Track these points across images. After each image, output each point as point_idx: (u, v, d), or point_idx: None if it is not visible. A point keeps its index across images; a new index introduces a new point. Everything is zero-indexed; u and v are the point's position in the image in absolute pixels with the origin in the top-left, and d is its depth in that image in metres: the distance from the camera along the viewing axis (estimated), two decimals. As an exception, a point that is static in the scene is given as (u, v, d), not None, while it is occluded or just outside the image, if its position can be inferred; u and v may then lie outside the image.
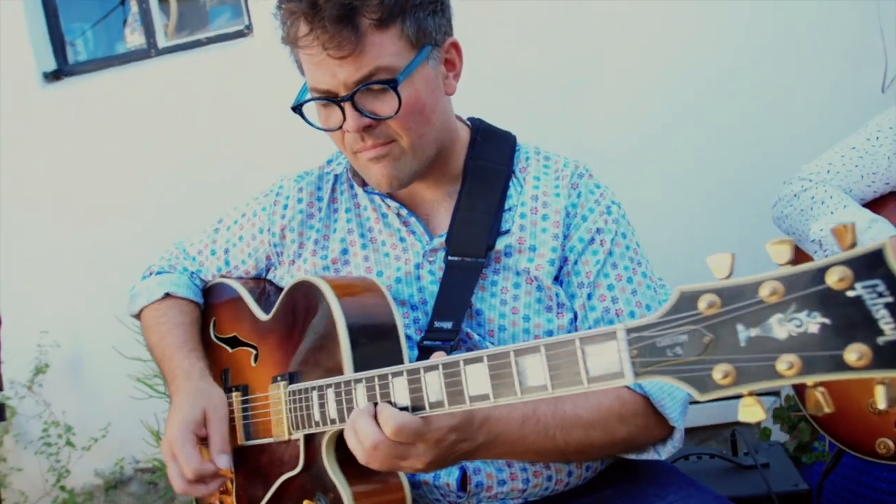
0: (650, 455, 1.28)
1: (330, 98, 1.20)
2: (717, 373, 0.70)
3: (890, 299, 0.62)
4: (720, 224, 2.71)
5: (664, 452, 1.27)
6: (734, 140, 2.71)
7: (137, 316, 1.59)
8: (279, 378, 1.30)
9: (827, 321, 0.65)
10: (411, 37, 1.19)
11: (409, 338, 1.30)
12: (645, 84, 2.74)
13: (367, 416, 1.02)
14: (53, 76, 3.20)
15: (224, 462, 1.28)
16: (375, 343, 1.22)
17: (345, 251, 1.40)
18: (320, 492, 1.22)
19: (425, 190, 1.38)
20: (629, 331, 0.76)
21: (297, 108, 1.27)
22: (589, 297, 1.30)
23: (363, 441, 1.02)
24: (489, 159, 1.38)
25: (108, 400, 3.13)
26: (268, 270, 1.52)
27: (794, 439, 2.51)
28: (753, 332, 0.68)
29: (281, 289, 1.45)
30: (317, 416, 1.18)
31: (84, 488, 3.24)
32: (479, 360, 0.92)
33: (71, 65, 3.26)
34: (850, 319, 0.64)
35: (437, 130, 1.28)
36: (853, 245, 0.65)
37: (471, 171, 1.37)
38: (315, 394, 1.19)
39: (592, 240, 1.32)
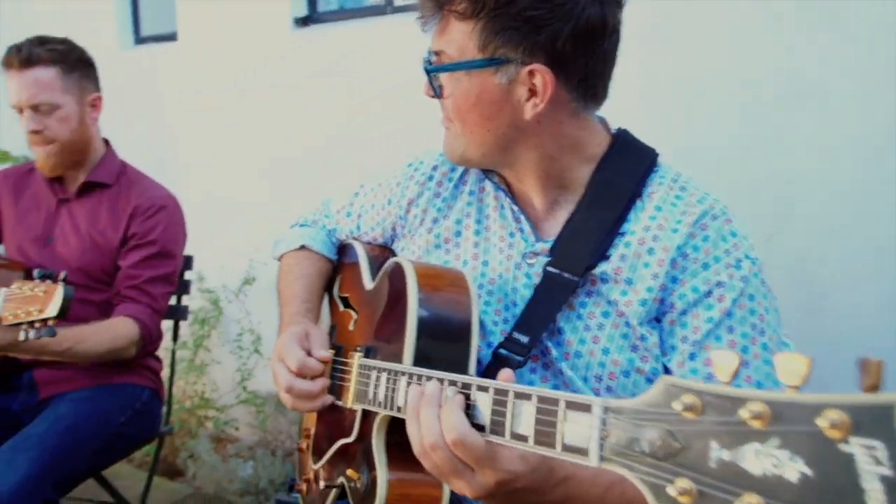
0: None
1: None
2: (675, 488, 0.59)
3: (888, 472, 0.48)
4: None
5: None
6: None
7: (279, 260, 1.72)
8: (359, 349, 1.34)
9: (808, 472, 0.52)
10: (479, 41, 1.18)
11: (490, 334, 1.28)
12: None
13: (435, 407, 0.95)
14: (303, 21, 3.51)
15: (323, 353, 1.34)
16: (442, 341, 1.21)
17: (458, 233, 1.39)
18: (365, 466, 1.25)
19: (532, 191, 1.32)
20: (606, 409, 0.67)
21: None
22: (692, 356, 1.16)
23: (424, 436, 0.95)
24: (619, 174, 1.27)
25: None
26: (393, 241, 1.56)
27: None
28: (726, 454, 0.57)
29: None
30: (370, 395, 1.21)
31: (262, 393, 3.64)
32: (486, 389, 0.87)
33: (319, 13, 3.54)
34: (835, 479, 0.50)
35: (494, 137, 1.24)
36: (874, 388, 0.51)
37: (596, 183, 1.27)
38: (374, 374, 1.21)
39: (710, 293, 1.16)
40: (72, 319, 2.08)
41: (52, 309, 1.54)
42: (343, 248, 1.68)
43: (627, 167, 1.28)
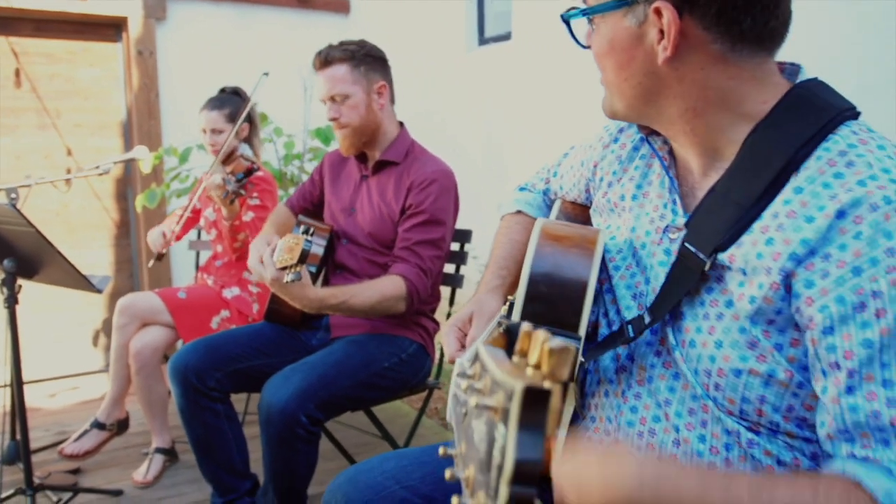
0: None
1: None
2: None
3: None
4: None
5: None
6: None
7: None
8: (510, 298, 1.43)
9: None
10: None
11: (626, 308, 1.23)
12: None
13: None
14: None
15: (463, 356, 1.44)
16: (551, 301, 1.21)
17: (623, 196, 1.32)
18: None
19: (689, 155, 1.21)
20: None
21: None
22: (850, 390, 0.94)
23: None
24: (779, 139, 1.06)
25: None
26: (590, 202, 1.52)
27: None
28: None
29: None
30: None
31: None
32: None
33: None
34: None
35: (632, 87, 1.14)
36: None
37: (747, 147, 1.10)
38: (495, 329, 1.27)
39: (863, 306, 0.93)
40: (363, 277, 2.49)
41: (295, 258, 1.93)
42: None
43: (794, 130, 1.06)
